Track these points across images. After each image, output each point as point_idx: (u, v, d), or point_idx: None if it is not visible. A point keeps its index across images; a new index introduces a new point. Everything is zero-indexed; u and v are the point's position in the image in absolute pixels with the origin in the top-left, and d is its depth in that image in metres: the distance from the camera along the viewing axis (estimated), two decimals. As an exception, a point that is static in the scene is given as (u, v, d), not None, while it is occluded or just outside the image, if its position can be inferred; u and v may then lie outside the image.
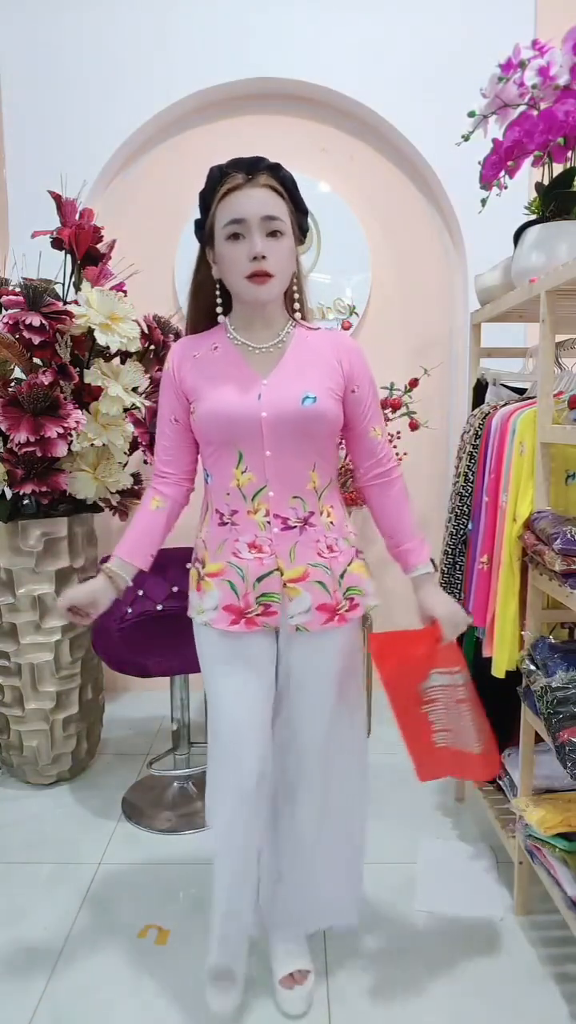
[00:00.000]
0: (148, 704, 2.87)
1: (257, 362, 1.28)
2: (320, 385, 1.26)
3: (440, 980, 1.48)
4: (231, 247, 1.22)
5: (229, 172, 1.22)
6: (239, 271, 1.22)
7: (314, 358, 1.30)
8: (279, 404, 1.23)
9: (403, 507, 1.43)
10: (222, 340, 1.32)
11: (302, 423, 1.24)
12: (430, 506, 2.92)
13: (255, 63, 2.63)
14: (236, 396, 1.24)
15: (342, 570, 1.33)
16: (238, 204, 1.20)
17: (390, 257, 2.84)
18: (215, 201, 1.23)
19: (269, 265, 1.21)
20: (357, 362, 1.33)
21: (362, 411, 1.34)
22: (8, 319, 1.93)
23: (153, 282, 2.71)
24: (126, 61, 2.63)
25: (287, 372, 1.27)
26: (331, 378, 1.28)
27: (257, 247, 1.19)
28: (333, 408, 1.27)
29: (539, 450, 1.52)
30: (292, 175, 1.26)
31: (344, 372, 1.31)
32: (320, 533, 1.30)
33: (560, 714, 1.35)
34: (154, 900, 1.73)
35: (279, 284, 1.25)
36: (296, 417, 1.23)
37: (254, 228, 1.20)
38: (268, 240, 1.21)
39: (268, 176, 1.22)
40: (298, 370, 1.27)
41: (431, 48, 2.62)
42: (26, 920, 1.66)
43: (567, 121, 1.49)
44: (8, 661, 2.16)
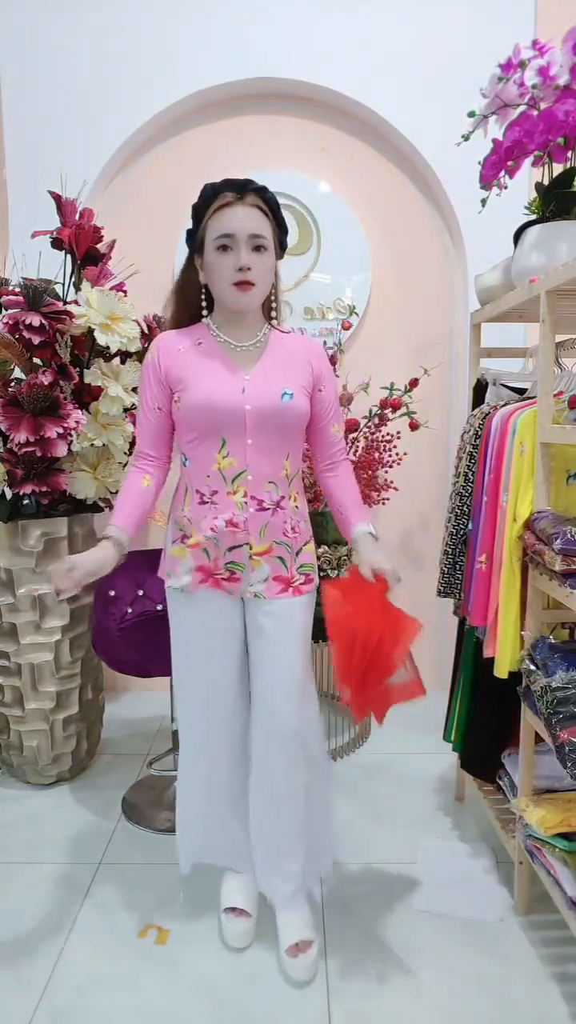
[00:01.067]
0: (148, 704, 2.87)
1: (238, 358, 1.43)
2: (295, 383, 1.42)
3: (440, 980, 1.48)
4: (220, 257, 1.36)
5: (221, 191, 1.36)
6: (226, 279, 1.36)
7: (289, 358, 1.45)
8: (261, 398, 1.38)
9: (349, 483, 1.58)
10: (206, 337, 1.45)
11: (280, 417, 1.39)
12: (430, 506, 2.93)
13: (255, 63, 2.63)
14: (221, 388, 1.37)
15: (298, 548, 1.48)
16: (229, 220, 1.34)
17: (390, 257, 2.84)
18: (207, 215, 1.37)
19: (253, 276, 1.36)
20: (324, 365, 1.50)
21: (326, 408, 1.51)
22: (8, 319, 1.93)
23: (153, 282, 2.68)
24: (126, 61, 2.63)
25: (266, 369, 1.42)
26: (304, 377, 1.45)
27: (243, 259, 1.34)
28: (305, 404, 1.44)
29: (539, 450, 1.52)
30: (276, 197, 1.42)
31: (314, 372, 1.47)
32: (287, 515, 1.45)
33: (560, 714, 1.35)
34: (154, 900, 1.73)
35: (260, 293, 1.40)
36: (275, 411, 1.39)
37: (241, 242, 1.34)
38: (253, 254, 1.36)
39: (256, 197, 1.37)
40: (276, 368, 1.43)
41: (431, 48, 2.62)
42: (26, 920, 1.66)
43: (567, 121, 1.49)
44: (8, 661, 2.16)
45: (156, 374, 1.44)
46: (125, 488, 1.48)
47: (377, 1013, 1.41)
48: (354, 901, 1.72)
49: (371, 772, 2.33)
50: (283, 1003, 1.43)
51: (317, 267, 2.79)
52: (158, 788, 2.20)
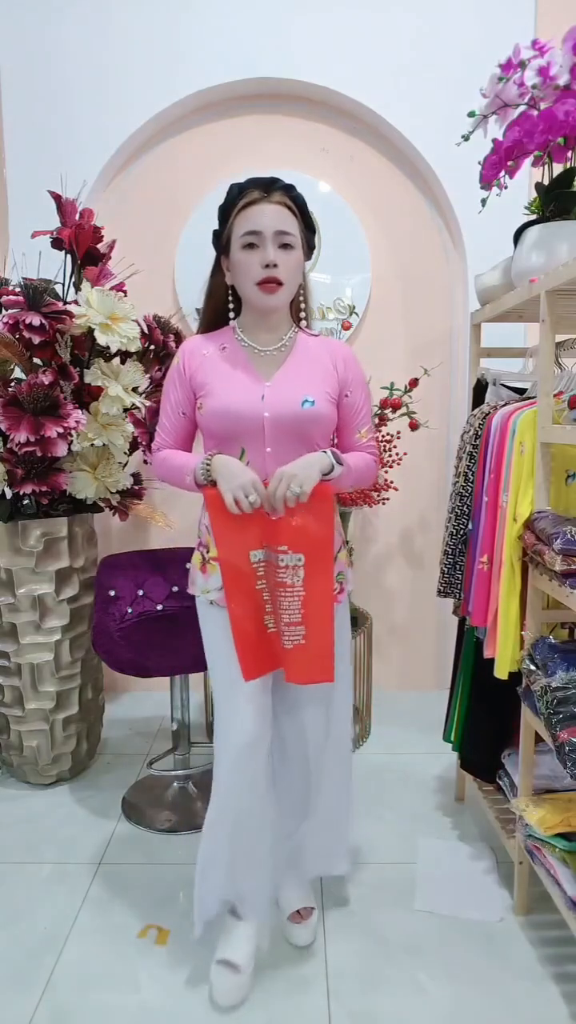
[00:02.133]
0: (148, 704, 2.87)
1: (261, 364, 1.40)
2: (318, 389, 1.37)
3: (440, 980, 1.48)
4: (246, 255, 1.34)
5: (248, 188, 1.36)
6: (251, 277, 1.34)
7: (313, 363, 1.41)
8: (280, 406, 1.34)
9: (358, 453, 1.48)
10: (230, 341, 1.43)
11: (300, 424, 1.35)
12: (430, 506, 2.93)
13: (255, 63, 2.63)
14: (241, 396, 1.35)
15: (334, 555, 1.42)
16: (255, 217, 1.33)
17: (390, 257, 2.84)
18: (233, 214, 1.36)
19: (279, 273, 1.34)
20: (351, 368, 1.45)
21: (352, 415, 1.47)
22: (8, 319, 1.93)
23: (153, 282, 2.71)
24: (126, 61, 2.63)
25: (288, 376, 1.38)
26: (327, 383, 1.40)
27: (270, 256, 1.32)
28: (329, 411, 1.39)
29: (539, 450, 1.52)
30: (303, 196, 1.40)
31: (339, 377, 1.43)
32: None
33: (560, 714, 1.35)
34: (154, 900, 1.73)
35: (287, 293, 1.37)
36: (295, 419, 1.34)
37: (268, 240, 1.32)
38: (280, 252, 1.34)
39: (282, 194, 1.36)
40: (298, 374, 1.38)
41: (431, 48, 2.62)
42: (26, 920, 1.67)
43: (567, 121, 1.49)
44: (8, 661, 2.16)
45: (181, 378, 1.43)
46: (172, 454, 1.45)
47: (377, 1013, 1.41)
48: (354, 901, 1.72)
49: (371, 772, 2.33)
50: (283, 1003, 1.43)
51: (317, 267, 2.79)
52: (158, 788, 2.20)
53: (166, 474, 1.46)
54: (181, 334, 2.37)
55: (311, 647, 1.33)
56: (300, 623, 1.32)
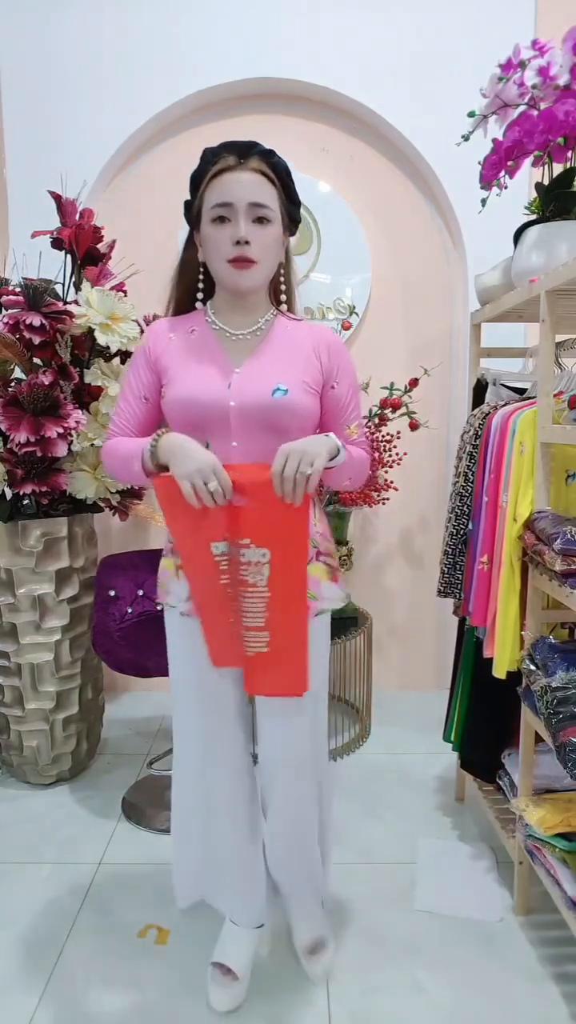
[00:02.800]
0: (148, 704, 2.87)
1: (232, 349, 1.26)
2: (294, 378, 1.23)
3: (440, 980, 1.48)
4: (216, 230, 1.21)
5: (221, 154, 1.21)
6: (222, 255, 1.21)
7: (292, 350, 1.27)
8: (248, 394, 1.20)
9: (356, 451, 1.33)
10: (200, 324, 1.29)
11: (271, 415, 1.20)
12: (430, 506, 2.93)
13: (255, 63, 2.63)
14: (206, 382, 1.21)
15: None
16: (226, 187, 1.19)
17: (390, 257, 2.84)
18: (205, 182, 1.22)
19: (252, 251, 1.20)
20: (337, 357, 1.30)
21: (339, 408, 1.31)
22: (8, 319, 1.93)
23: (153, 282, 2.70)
24: (126, 61, 2.63)
25: (261, 362, 1.24)
26: (307, 371, 1.25)
27: (241, 231, 1.18)
28: (305, 402, 1.23)
29: (539, 450, 1.52)
30: (286, 163, 1.25)
31: (323, 367, 1.28)
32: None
33: (560, 714, 1.35)
34: (154, 900, 1.73)
35: (262, 272, 1.24)
36: (264, 408, 1.20)
37: (240, 213, 1.19)
38: (253, 226, 1.20)
39: (260, 161, 1.21)
40: (273, 361, 1.24)
41: (431, 48, 2.62)
42: (26, 920, 1.67)
43: (567, 121, 1.49)
44: (8, 661, 2.16)
45: (147, 362, 1.29)
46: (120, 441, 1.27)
47: (377, 1013, 1.41)
48: (354, 901, 1.72)
49: (371, 772, 2.33)
50: (283, 1003, 1.43)
51: (317, 267, 2.79)
52: (158, 788, 2.20)
53: (113, 465, 1.27)
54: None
55: (274, 656, 1.19)
56: (263, 628, 1.17)
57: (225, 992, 1.41)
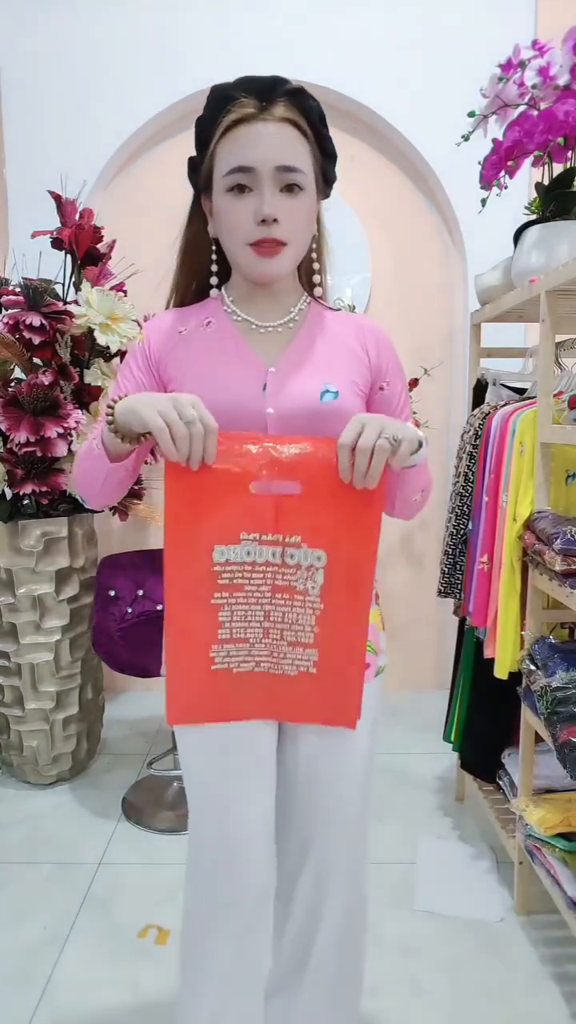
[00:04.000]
0: (148, 704, 2.87)
1: (261, 345, 1.01)
2: (342, 378, 0.99)
3: (440, 980, 1.48)
4: (233, 203, 0.93)
5: (236, 96, 0.94)
6: (241, 236, 0.94)
7: (334, 343, 1.02)
8: (290, 399, 0.96)
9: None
10: (217, 314, 1.03)
11: (318, 424, 0.95)
12: (430, 506, 2.91)
13: (255, 63, 2.60)
14: (234, 386, 0.96)
15: None
16: (246, 145, 0.91)
17: (390, 257, 2.84)
18: (216, 135, 0.94)
19: (282, 231, 0.93)
20: (387, 353, 1.05)
21: (392, 412, 1.05)
22: (8, 319, 1.93)
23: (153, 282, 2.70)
24: (126, 61, 2.63)
25: (300, 359, 0.99)
26: (355, 370, 1.01)
27: (267, 207, 0.90)
28: (357, 407, 0.99)
29: (539, 450, 1.52)
30: (320, 106, 0.96)
31: (371, 363, 1.04)
32: None
33: (560, 714, 1.35)
34: (154, 900, 1.73)
35: (292, 256, 0.97)
36: (311, 416, 0.95)
37: (265, 180, 0.91)
38: (282, 196, 0.92)
39: (288, 106, 0.93)
40: (314, 357, 1.00)
41: (431, 48, 2.62)
42: (26, 920, 1.66)
43: (567, 121, 1.49)
44: (8, 661, 2.16)
45: (145, 362, 1.04)
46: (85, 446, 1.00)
47: (377, 1013, 1.41)
48: (354, 901, 1.72)
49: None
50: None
51: (317, 267, 2.79)
52: (158, 788, 2.20)
53: (78, 472, 1.00)
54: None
55: (322, 680, 0.93)
56: (312, 644, 0.91)
57: None
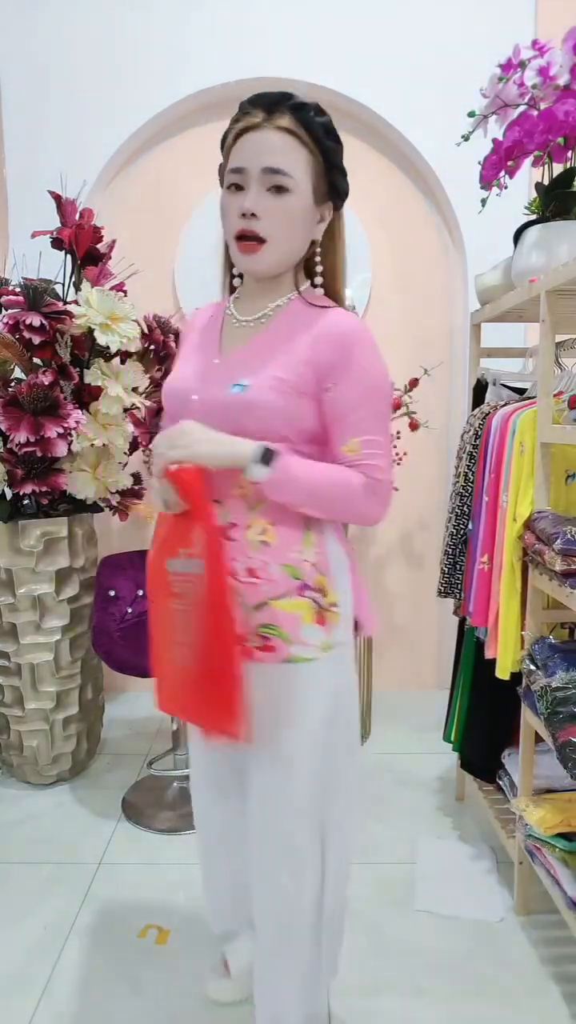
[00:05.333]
0: (148, 704, 2.86)
1: (231, 336, 1.10)
2: (265, 371, 1.01)
3: (440, 980, 1.48)
4: (228, 198, 1.05)
5: (249, 108, 1.03)
6: (230, 229, 1.05)
7: (285, 339, 1.05)
8: (209, 388, 1.04)
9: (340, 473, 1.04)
10: (220, 309, 1.16)
11: (227, 414, 1.02)
12: (430, 506, 2.93)
13: (255, 63, 2.63)
14: (185, 373, 1.09)
15: (260, 601, 1.04)
16: (244, 150, 1.02)
17: (390, 257, 2.84)
18: (229, 140, 1.06)
19: (260, 226, 1.01)
20: (342, 351, 1.02)
21: (336, 416, 1.03)
22: (8, 319, 1.93)
23: (153, 282, 2.71)
24: (126, 61, 2.63)
25: (246, 353, 1.06)
26: (288, 365, 1.02)
27: (248, 203, 1.00)
28: (273, 402, 1.00)
29: (539, 450, 1.52)
30: (326, 119, 1.05)
31: (316, 361, 1.02)
32: (240, 551, 1.03)
33: (560, 714, 1.35)
34: (154, 900, 1.73)
35: (274, 252, 1.04)
36: (221, 406, 1.02)
37: (252, 180, 1.01)
38: (267, 196, 1.01)
39: (291, 118, 1.01)
40: (262, 350, 1.05)
41: (431, 48, 2.62)
42: (26, 920, 1.66)
43: (567, 121, 1.49)
44: (8, 661, 2.16)
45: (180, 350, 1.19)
46: None
47: (377, 1013, 1.41)
48: (354, 901, 1.71)
49: (371, 772, 2.33)
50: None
51: (317, 267, 2.79)
52: (158, 788, 2.20)
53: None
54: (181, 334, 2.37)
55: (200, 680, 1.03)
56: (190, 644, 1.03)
57: (218, 984, 1.43)
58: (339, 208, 1.12)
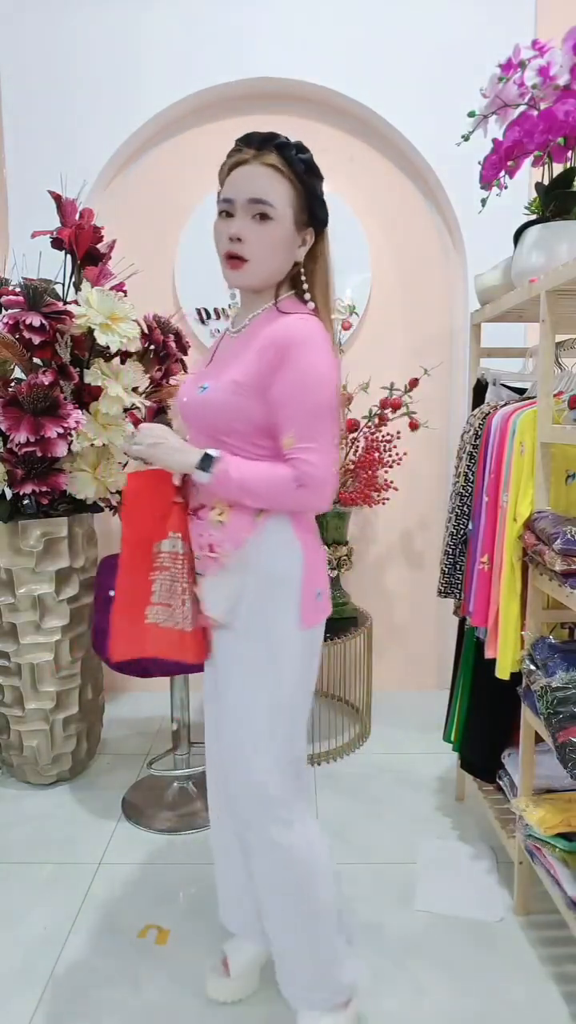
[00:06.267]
0: (148, 704, 2.87)
1: (225, 346, 1.31)
2: (225, 376, 1.19)
3: (440, 980, 1.48)
4: (219, 224, 1.21)
5: (241, 146, 1.20)
6: (219, 250, 1.21)
7: (248, 346, 1.19)
8: (190, 392, 1.26)
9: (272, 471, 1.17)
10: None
11: (198, 412, 1.23)
12: (430, 506, 2.93)
13: (255, 63, 2.63)
14: (190, 383, 1.30)
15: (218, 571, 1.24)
16: (234, 181, 1.18)
17: (390, 257, 2.84)
18: (224, 174, 1.23)
19: (244, 249, 1.17)
20: (281, 354, 1.13)
21: (275, 411, 1.16)
22: (8, 319, 1.93)
23: (153, 282, 2.71)
24: (126, 61, 2.63)
25: (220, 359, 1.27)
26: (244, 369, 1.16)
27: (233, 228, 1.17)
28: (228, 402, 1.16)
29: (539, 450, 1.52)
30: (308, 158, 1.20)
31: (264, 364, 1.15)
32: (204, 528, 1.23)
33: (560, 714, 1.35)
34: (154, 900, 1.73)
35: (256, 272, 1.20)
36: (195, 406, 1.24)
37: (238, 208, 1.18)
38: (252, 223, 1.17)
39: (275, 155, 1.17)
40: (231, 357, 1.23)
41: (431, 48, 2.62)
42: (26, 920, 1.67)
43: (567, 121, 1.49)
44: (8, 661, 2.16)
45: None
46: None
47: (377, 1013, 1.41)
48: (354, 901, 1.72)
49: (371, 772, 2.33)
50: (283, 1002, 1.43)
51: (317, 267, 2.79)
52: (158, 788, 2.20)
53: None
54: (181, 334, 2.37)
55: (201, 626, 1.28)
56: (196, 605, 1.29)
57: (218, 983, 1.45)
58: (320, 233, 1.26)
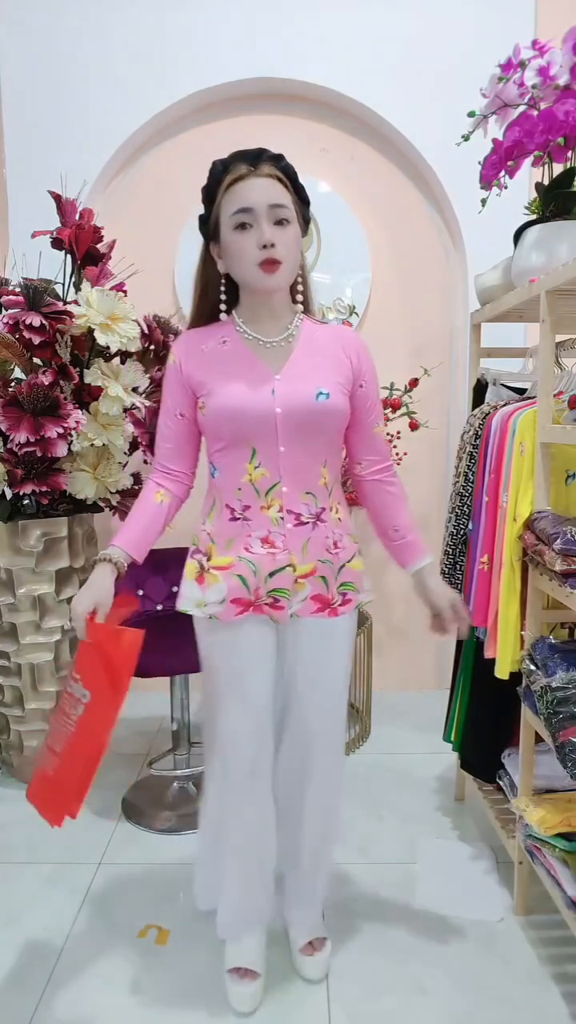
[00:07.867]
0: (148, 704, 2.87)
1: (267, 357, 1.29)
2: (331, 380, 1.28)
3: (440, 980, 1.48)
4: (239, 237, 1.22)
5: (233, 163, 1.24)
6: (249, 260, 1.22)
7: (324, 353, 1.31)
8: (293, 400, 1.25)
9: (404, 502, 1.49)
10: (231, 334, 1.32)
11: (315, 419, 1.26)
12: (430, 506, 2.92)
13: (255, 63, 2.63)
14: (249, 392, 1.25)
15: (341, 564, 1.36)
16: (245, 193, 1.21)
17: (390, 257, 2.84)
18: (220, 193, 1.24)
19: (278, 253, 1.22)
20: (365, 358, 1.36)
21: (368, 406, 1.37)
22: (8, 319, 1.93)
23: (153, 282, 2.71)
24: (126, 61, 2.63)
25: (299, 367, 1.29)
26: (340, 373, 1.31)
27: (266, 235, 1.20)
28: (343, 403, 1.30)
29: (539, 450, 1.52)
30: (293, 166, 1.29)
31: (352, 367, 1.33)
32: (330, 529, 1.33)
33: (560, 714, 1.35)
34: (154, 900, 1.73)
35: (287, 272, 1.26)
36: (310, 413, 1.25)
37: (262, 216, 1.21)
38: (275, 228, 1.22)
39: (271, 166, 1.24)
40: (309, 365, 1.29)
41: (431, 48, 2.62)
42: (26, 920, 1.66)
43: (567, 121, 1.49)
44: (8, 661, 2.16)
45: (178, 377, 1.32)
46: (136, 504, 1.35)
47: (377, 1013, 1.41)
48: (354, 901, 1.72)
49: (371, 772, 2.33)
50: (283, 1003, 1.43)
51: (317, 267, 2.79)
52: (158, 788, 2.20)
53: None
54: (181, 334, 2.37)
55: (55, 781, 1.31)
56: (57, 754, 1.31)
57: (251, 990, 1.42)
58: (305, 234, 1.34)
